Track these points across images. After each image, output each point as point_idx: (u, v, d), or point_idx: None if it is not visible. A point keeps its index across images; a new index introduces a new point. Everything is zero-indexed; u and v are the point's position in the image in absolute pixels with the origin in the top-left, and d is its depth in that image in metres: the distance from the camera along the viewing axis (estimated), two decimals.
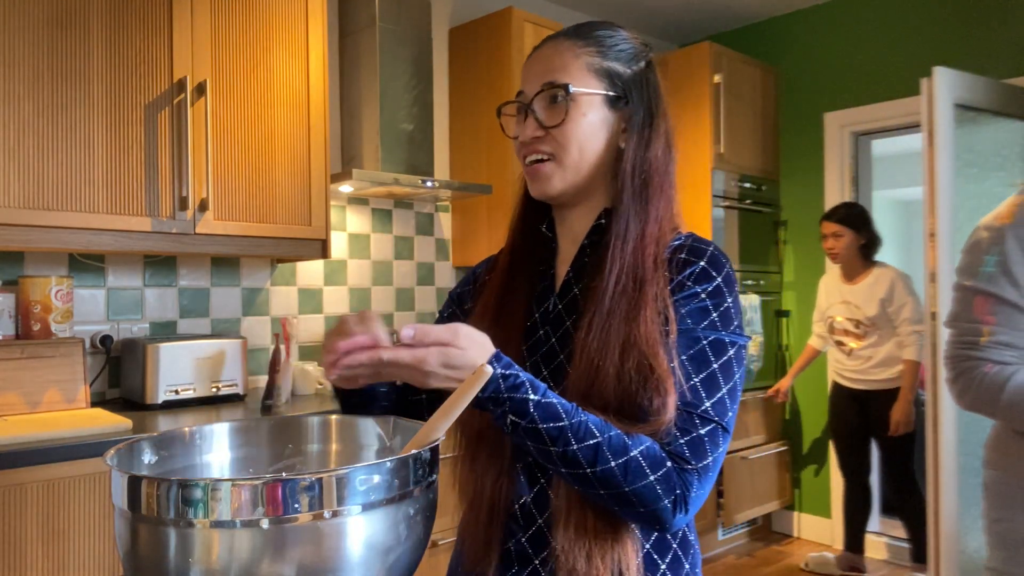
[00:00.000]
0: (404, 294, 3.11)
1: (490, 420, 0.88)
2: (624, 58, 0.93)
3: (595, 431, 0.78)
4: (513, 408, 0.77)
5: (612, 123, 0.92)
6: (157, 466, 0.79)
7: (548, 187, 0.93)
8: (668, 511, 0.79)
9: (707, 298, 0.87)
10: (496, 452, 0.91)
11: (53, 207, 1.91)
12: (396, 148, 2.76)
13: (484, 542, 0.90)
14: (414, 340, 0.75)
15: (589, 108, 0.90)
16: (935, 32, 3.41)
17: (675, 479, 0.79)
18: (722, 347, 0.85)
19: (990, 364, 1.41)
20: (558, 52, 0.92)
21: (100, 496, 1.75)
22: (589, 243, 0.95)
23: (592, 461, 0.77)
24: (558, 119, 0.90)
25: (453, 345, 0.75)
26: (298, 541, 0.62)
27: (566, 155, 0.91)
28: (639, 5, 3.76)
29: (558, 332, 0.93)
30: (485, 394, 0.76)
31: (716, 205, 3.55)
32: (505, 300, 0.96)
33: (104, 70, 1.99)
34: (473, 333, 0.77)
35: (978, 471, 1.60)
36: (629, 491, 0.78)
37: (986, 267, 1.44)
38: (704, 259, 0.89)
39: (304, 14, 2.39)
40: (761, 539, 3.85)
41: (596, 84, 0.91)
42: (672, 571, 0.89)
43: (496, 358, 0.77)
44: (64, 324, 2.10)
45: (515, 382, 0.77)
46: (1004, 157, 2.85)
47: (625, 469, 0.78)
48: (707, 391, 0.83)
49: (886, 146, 4.75)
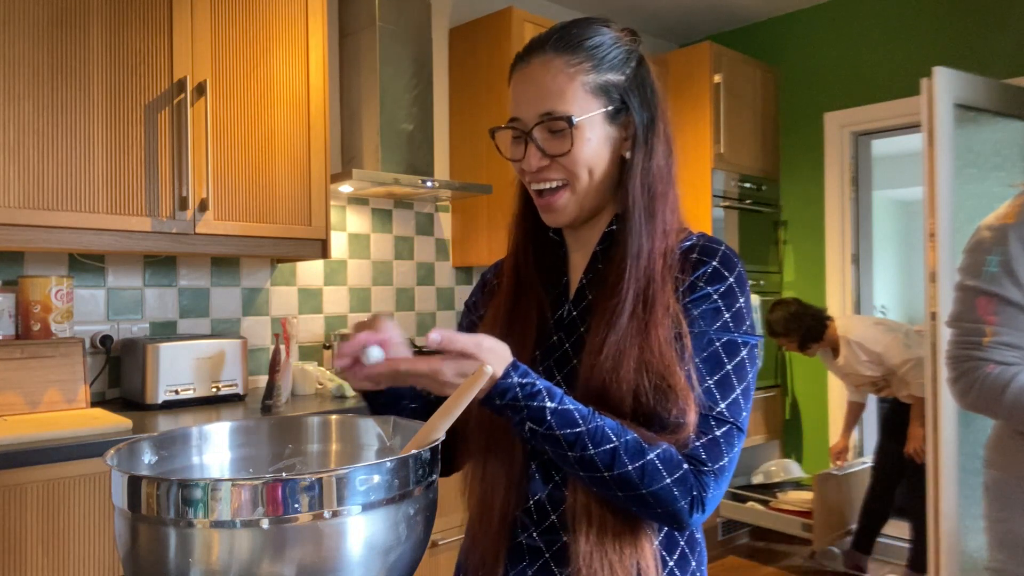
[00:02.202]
0: (404, 294, 3.10)
1: (500, 429, 0.89)
2: (617, 65, 0.90)
3: (612, 435, 0.79)
4: (531, 415, 0.78)
5: (615, 136, 0.91)
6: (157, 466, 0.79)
7: (564, 218, 0.92)
8: (685, 512, 0.81)
9: (719, 299, 0.87)
10: (507, 460, 0.91)
11: (53, 207, 1.91)
12: (396, 148, 2.76)
13: (494, 543, 0.90)
14: (440, 346, 0.75)
15: (591, 129, 0.88)
16: (935, 32, 3.41)
17: (692, 481, 0.81)
18: (735, 348, 0.86)
19: (992, 364, 1.41)
20: (551, 74, 0.88)
21: (100, 496, 1.75)
22: (601, 249, 0.95)
23: (609, 465, 0.79)
24: (563, 148, 0.88)
25: (473, 357, 0.76)
26: (298, 541, 0.62)
27: (578, 181, 0.90)
28: (639, 5, 3.76)
29: (572, 338, 0.93)
30: (503, 401, 0.78)
31: (716, 205, 3.54)
32: (517, 306, 0.96)
33: (104, 70, 1.99)
34: (495, 345, 0.78)
35: (978, 471, 1.60)
36: (646, 493, 0.79)
37: (989, 267, 1.43)
38: (716, 259, 0.89)
39: (304, 14, 2.39)
40: (761, 539, 3.85)
41: (595, 104, 0.88)
42: (680, 568, 0.90)
43: (514, 366, 0.79)
44: (64, 324, 2.10)
45: (532, 390, 0.78)
46: (1004, 157, 2.85)
47: (642, 472, 0.79)
48: (721, 392, 0.84)
49: (886, 146, 4.75)
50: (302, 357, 2.74)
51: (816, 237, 3.84)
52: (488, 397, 0.78)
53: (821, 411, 3.82)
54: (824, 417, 3.81)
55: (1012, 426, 1.46)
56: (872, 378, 3.21)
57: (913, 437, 3.12)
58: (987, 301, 1.43)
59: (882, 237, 5.36)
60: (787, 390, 3.88)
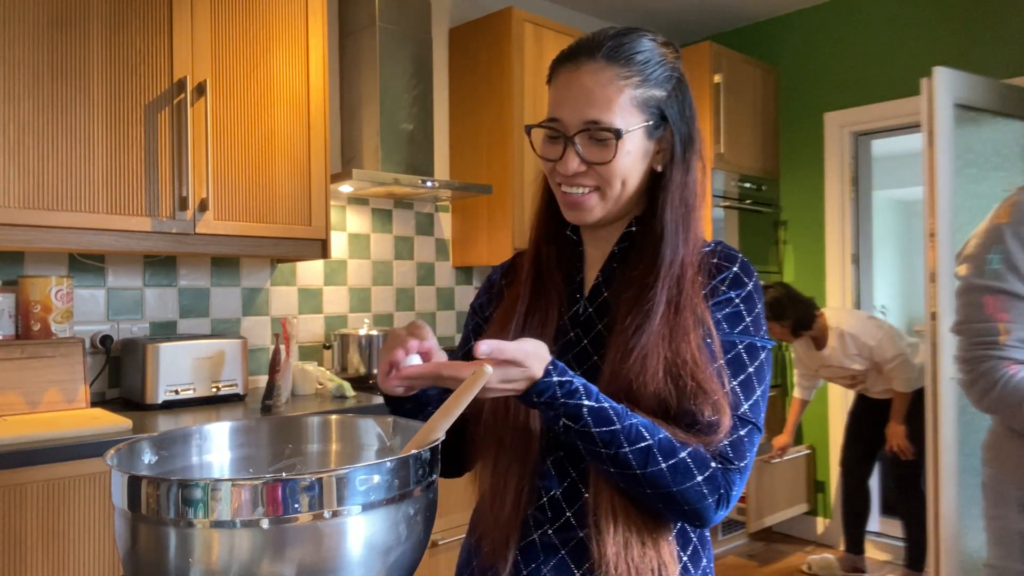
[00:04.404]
0: (404, 294, 3.11)
1: (513, 426, 0.90)
2: (661, 81, 0.91)
3: (645, 434, 0.81)
4: (567, 413, 0.80)
5: (651, 149, 0.92)
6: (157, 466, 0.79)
7: (589, 217, 0.93)
8: (711, 509, 0.83)
9: (740, 303, 0.90)
10: (521, 454, 0.91)
11: (53, 207, 1.91)
12: (396, 148, 2.76)
13: (505, 538, 0.90)
14: (490, 356, 0.76)
15: (632, 142, 0.89)
16: (935, 32, 3.41)
17: (720, 479, 0.83)
18: (755, 351, 0.89)
19: (1011, 363, 1.38)
20: (600, 84, 0.88)
21: (100, 496, 1.75)
22: (619, 249, 0.97)
23: (643, 463, 0.81)
24: (604, 158, 0.89)
25: (521, 364, 0.77)
26: (298, 541, 0.62)
27: (610, 189, 0.91)
28: (639, 5, 3.76)
29: (590, 334, 0.94)
30: (541, 399, 0.79)
31: (716, 205, 3.54)
32: (533, 303, 0.97)
33: (104, 70, 1.99)
34: (539, 349, 0.79)
35: (978, 471, 1.60)
36: (676, 491, 0.81)
37: (991, 265, 1.42)
38: (736, 265, 0.92)
39: (304, 14, 2.39)
40: (761, 539, 3.85)
41: (639, 118, 0.89)
42: (693, 564, 0.91)
43: (552, 365, 0.80)
44: (64, 324, 2.10)
45: (570, 388, 0.79)
46: (1004, 157, 2.85)
47: (674, 470, 0.81)
48: (745, 394, 0.87)
49: (886, 146, 4.75)
50: (302, 357, 2.74)
51: (816, 237, 3.84)
52: (526, 394, 0.79)
53: (821, 411, 3.82)
54: (824, 417, 3.81)
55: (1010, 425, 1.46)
56: (853, 372, 3.21)
57: (894, 434, 3.13)
58: (994, 299, 1.41)
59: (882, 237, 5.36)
60: (787, 390, 3.88)
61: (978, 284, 1.43)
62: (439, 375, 0.79)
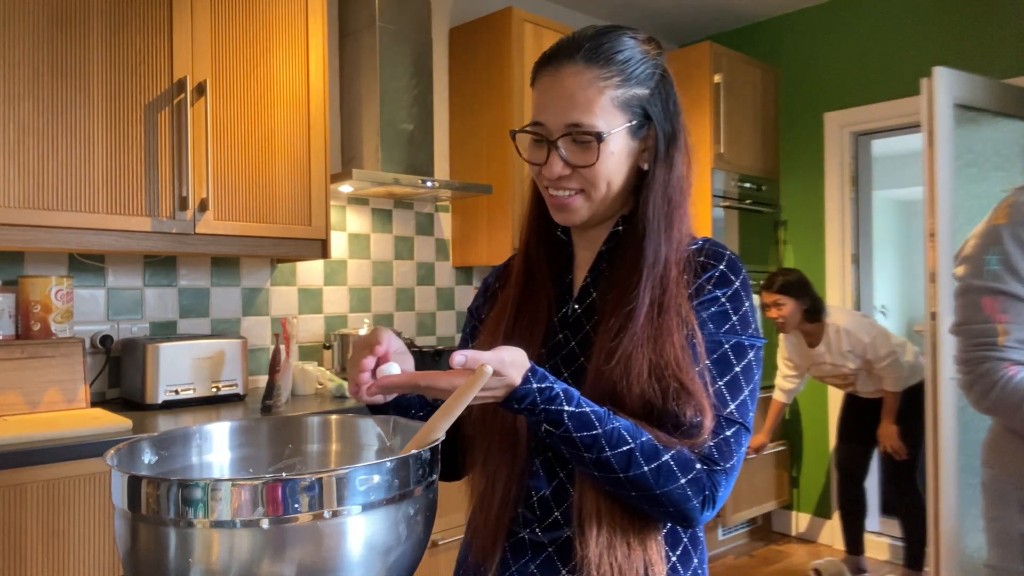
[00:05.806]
0: (404, 294, 3.11)
1: (502, 426, 0.90)
2: (644, 79, 0.90)
3: (627, 437, 0.81)
4: (548, 418, 0.80)
5: (635, 148, 0.92)
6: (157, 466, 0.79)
7: (576, 219, 0.93)
8: (697, 510, 0.83)
9: (727, 302, 0.89)
10: (509, 455, 0.92)
11: (53, 207, 1.91)
12: (396, 148, 2.76)
13: (493, 535, 0.91)
14: (466, 367, 0.75)
15: (615, 143, 0.89)
16: (935, 32, 3.41)
17: (705, 480, 0.83)
18: (743, 350, 0.88)
19: (1010, 364, 1.38)
20: (580, 86, 0.87)
21: (100, 496, 1.75)
22: (607, 249, 0.96)
23: (625, 466, 0.80)
24: (587, 161, 0.88)
25: (499, 374, 0.76)
26: (298, 541, 0.62)
27: (595, 191, 0.90)
28: (639, 5, 3.76)
29: (578, 336, 0.94)
30: (521, 406, 0.79)
31: (716, 205, 3.54)
32: (523, 305, 0.97)
33: (104, 70, 1.99)
34: (516, 357, 0.79)
35: (978, 471, 1.60)
36: (660, 493, 0.81)
37: (989, 266, 1.42)
38: (723, 263, 0.91)
39: (304, 14, 2.39)
40: (761, 539, 3.85)
41: (622, 118, 0.88)
42: (682, 564, 0.91)
43: (532, 372, 0.79)
44: (64, 324, 2.10)
45: (550, 394, 0.79)
46: (1004, 157, 2.85)
47: (657, 473, 0.81)
48: (731, 394, 0.86)
49: (886, 146, 4.74)
50: (302, 357, 2.74)
51: (816, 237, 3.84)
52: (507, 401, 0.79)
53: (821, 411, 3.82)
54: (824, 417, 3.81)
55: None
56: (844, 371, 3.21)
57: (887, 435, 3.13)
58: (993, 300, 1.41)
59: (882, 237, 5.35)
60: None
61: (976, 285, 1.43)
62: (416, 384, 0.79)
